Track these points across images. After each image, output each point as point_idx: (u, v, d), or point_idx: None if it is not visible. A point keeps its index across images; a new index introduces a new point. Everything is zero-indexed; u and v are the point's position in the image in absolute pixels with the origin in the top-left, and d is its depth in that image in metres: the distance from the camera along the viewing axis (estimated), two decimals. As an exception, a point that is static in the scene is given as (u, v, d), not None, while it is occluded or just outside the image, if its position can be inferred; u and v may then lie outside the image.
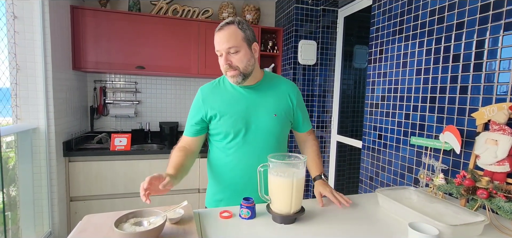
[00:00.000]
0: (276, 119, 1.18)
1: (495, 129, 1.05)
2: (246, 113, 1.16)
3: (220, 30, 1.10)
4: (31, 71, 1.94)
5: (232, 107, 1.16)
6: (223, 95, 1.18)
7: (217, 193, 1.25)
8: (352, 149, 2.54)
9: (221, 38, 1.09)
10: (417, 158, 1.50)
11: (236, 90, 1.19)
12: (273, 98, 1.19)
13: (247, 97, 1.18)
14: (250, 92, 1.18)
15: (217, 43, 1.10)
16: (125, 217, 0.84)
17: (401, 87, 1.62)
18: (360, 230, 0.93)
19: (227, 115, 1.15)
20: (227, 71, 1.11)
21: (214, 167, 1.24)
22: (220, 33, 1.09)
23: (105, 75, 2.78)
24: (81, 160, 2.26)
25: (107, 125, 2.83)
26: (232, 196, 1.21)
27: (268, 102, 1.18)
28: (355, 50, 2.66)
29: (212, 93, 1.19)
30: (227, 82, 1.21)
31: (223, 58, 1.10)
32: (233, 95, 1.18)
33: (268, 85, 1.21)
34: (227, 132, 1.16)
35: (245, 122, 1.15)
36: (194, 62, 2.66)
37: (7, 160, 1.91)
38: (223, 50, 1.09)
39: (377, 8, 1.82)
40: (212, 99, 1.18)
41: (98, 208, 2.31)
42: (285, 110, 1.21)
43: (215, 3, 2.92)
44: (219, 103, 1.17)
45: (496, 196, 0.94)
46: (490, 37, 1.17)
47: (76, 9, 2.35)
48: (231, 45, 1.07)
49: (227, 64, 1.09)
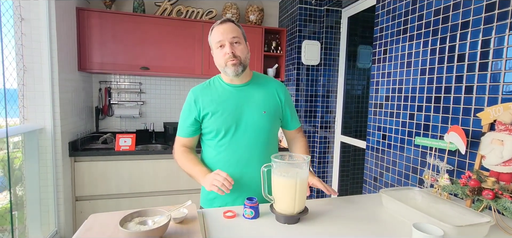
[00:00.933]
0: (265, 116, 1.20)
1: (501, 129, 1.04)
2: (236, 111, 1.19)
3: (222, 24, 1.16)
4: (38, 72, 1.97)
5: (223, 104, 1.19)
6: (214, 94, 1.21)
7: (210, 192, 1.25)
8: (356, 149, 2.53)
9: (225, 29, 1.14)
10: (421, 159, 1.49)
11: (226, 89, 1.22)
12: (262, 95, 1.23)
13: (237, 95, 1.21)
14: (240, 90, 1.22)
15: (220, 34, 1.14)
16: (130, 216, 0.85)
17: (405, 87, 1.61)
18: (364, 231, 0.93)
19: (218, 113, 1.18)
20: (228, 60, 1.14)
21: (207, 165, 1.25)
22: (223, 26, 1.15)
23: (110, 75, 2.81)
24: (87, 160, 2.28)
25: (112, 125, 2.86)
26: (225, 194, 1.21)
27: (257, 99, 1.21)
28: (359, 50, 2.65)
29: (203, 93, 1.22)
30: (218, 82, 1.25)
31: (226, 47, 1.14)
32: (224, 94, 1.21)
33: (257, 83, 1.25)
34: (218, 129, 1.18)
35: (235, 119, 1.18)
36: (198, 62, 2.67)
37: (14, 160, 1.93)
38: (227, 39, 1.14)
39: (381, 7, 1.81)
40: (204, 99, 1.21)
41: (103, 208, 2.33)
42: (274, 107, 1.24)
43: (219, 4, 2.93)
44: (210, 101, 1.20)
45: (502, 197, 0.93)
46: (495, 36, 1.16)
47: (81, 10, 2.38)
48: (235, 34, 1.15)
49: (231, 53, 1.13)
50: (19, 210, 1.96)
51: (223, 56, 1.14)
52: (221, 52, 1.15)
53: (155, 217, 0.86)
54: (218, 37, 1.14)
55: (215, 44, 1.17)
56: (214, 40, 1.17)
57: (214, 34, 1.17)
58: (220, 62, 1.17)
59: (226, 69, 1.16)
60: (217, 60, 1.18)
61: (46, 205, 2.07)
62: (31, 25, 1.92)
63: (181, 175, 2.47)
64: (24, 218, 1.98)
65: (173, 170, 2.45)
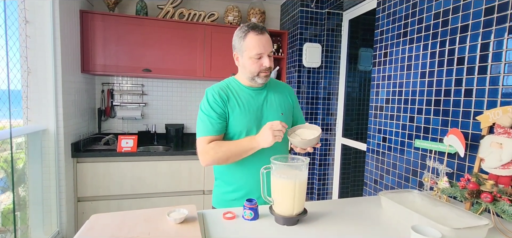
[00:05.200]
0: (282, 118, 1.24)
1: (500, 132, 1.04)
2: (257, 112, 1.22)
3: (263, 33, 1.17)
4: (42, 74, 1.99)
5: (244, 106, 1.21)
6: (235, 96, 1.22)
7: (228, 193, 1.26)
8: (356, 152, 2.54)
9: (266, 41, 1.17)
10: (421, 161, 1.50)
11: (246, 92, 1.24)
12: (278, 98, 1.28)
13: (256, 98, 1.24)
14: (259, 93, 1.25)
15: (261, 46, 1.15)
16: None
17: (405, 90, 1.62)
18: (363, 233, 0.94)
19: (241, 115, 1.19)
20: (263, 72, 1.18)
21: (226, 167, 1.25)
22: (262, 37, 1.16)
23: (113, 77, 2.83)
24: (89, 161, 2.30)
25: (114, 126, 2.88)
26: (246, 195, 1.22)
27: (274, 102, 1.26)
28: (360, 53, 2.66)
29: (228, 94, 1.21)
30: (235, 84, 1.25)
31: (265, 60, 1.17)
32: (244, 96, 1.23)
33: (272, 87, 1.30)
34: (241, 131, 1.20)
35: (256, 121, 1.21)
36: (200, 65, 2.69)
37: (17, 161, 1.96)
38: (267, 52, 1.17)
39: (381, 11, 1.82)
40: (230, 100, 1.20)
41: (105, 209, 2.35)
42: (288, 109, 1.30)
43: (221, 7, 2.95)
44: (234, 102, 1.21)
45: (501, 199, 0.93)
46: (494, 40, 1.16)
47: (85, 13, 2.40)
48: (272, 49, 1.21)
49: (269, 66, 1.17)
50: (22, 210, 1.98)
51: (259, 67, 1.17)
52: (256, 63, 1.17)
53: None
54: (258, 49, 1.15)
55: (251, 53, 1.15)
56: (251, 49, 1.15)
57: (251, 42, 1.15)
58: (252, 70, 1.18)
59: (257, 78, 1.19)
60: (249, 67, 1.18)
61: (49, 206, 2.09)
62: (36, 27, 1.95)
63: (182, 177, 2.49)
64: (26, 218, 2.00)
65: (175, 172, 2.47)
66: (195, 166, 2.51)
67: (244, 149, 1.14)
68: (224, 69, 2.71)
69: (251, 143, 1.13)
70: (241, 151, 1.15)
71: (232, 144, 1.15)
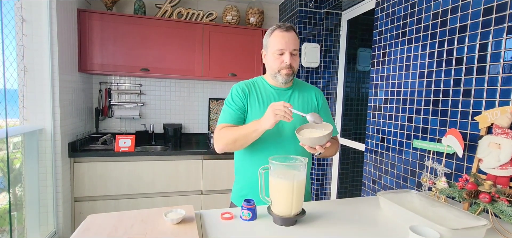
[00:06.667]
0: (304, 119, 1.21)
1: (498, 133, 1.04)
2: None
3: (287, 31, 1.18)
4: (38, 73, 1.98)
5: (265, 104, 1.23)
6: (258, 94, 1.25)
7: (243, 189, 1.29)
8: (355, 152, 2.54)
9: (290, 38, 1.17)
10: (420, 162, 1.50)
11: (269, 91, 1.26)
12: (301, 100, 1.28)
13: (279, 97, 1.26)
14: (282, 93, 1.27)
15: (284, 43, 1.16)
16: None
17: (404, 90, 1.62)
18: (361, 233, 0.93)
19: (260, 111, 1.21)
20: (284, 69, 1.18)
21: (243, 164, 1.27)
22: (287, 34, 1.17)
23: (110, 77, 2.82)
24: (86, 161, 2.29)
25: (111, 126, 2.87)
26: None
27: (296, 103, 1.27)
28: (358, 53, 2.66)
29: (250, 89, 1.25)
30: (261, 83, 1.28)
31: (286, 57, 1.17)
32: (266, 94, 1.25)
33: (297, 88, 1.31)
34: None
35: None
36: (198, 64, 2.68)
37: (14, 161, 1.94)
38: (289, 49, 1.17)
39: (380, 11, 1.82)
40: (251, 94, 1.24)
41: (102, 209, 2.34)
42: (311, 110, 1.28)
43: (219, 6, 2.94)
44: (255, 99, 1.23)
45: (499, 200, 0.93)
46: (493, 40, 1.16)
47: (82, 12, 2.39)
48: (296, 47, 1.19)
49: (289, 64, 1.17)
50: (18, 210, 1.97)
51: (279, 63, 1.18)
52: (278, 59, 1.18)
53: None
54: (280, 45, 1.17)
55: (273, 49, 1.18)
56: (274, 45, 1.19)
57: (276, 39, 1.18)
58: (274, 67, 1.20)
59: (278, 75, 1.20)
60: (271, 64, 1.21)
61: (45, 206, 2.07)
62: (32, 26, 1.93)
63: (180, 177, 2.48)
64: (23, 218, 1.98)
65: (172, 172, 2.46)
66: (193, 166, 2.50)
67: (248, 130, 1.15)
68: (222, 68, 2.71)
69: (254, 124, 1.13)
70: (246, 133, 1.15)
71: (239, 127, 1.18)
